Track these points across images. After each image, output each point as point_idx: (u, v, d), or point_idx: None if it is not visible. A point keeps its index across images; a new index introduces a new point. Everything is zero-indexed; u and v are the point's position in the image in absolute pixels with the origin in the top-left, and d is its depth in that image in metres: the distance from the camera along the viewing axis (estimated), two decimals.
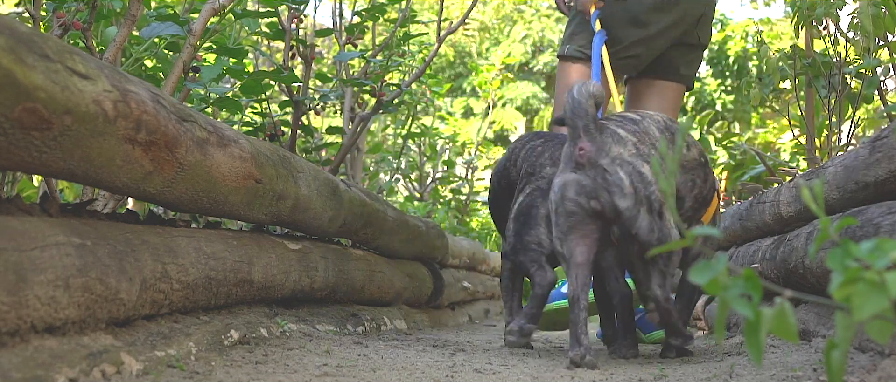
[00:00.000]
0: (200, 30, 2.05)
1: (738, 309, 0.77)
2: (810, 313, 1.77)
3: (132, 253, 1.21)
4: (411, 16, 3.44)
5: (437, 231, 3.35)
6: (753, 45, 12.74)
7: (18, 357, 0.95)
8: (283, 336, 1.72)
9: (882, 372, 1.11)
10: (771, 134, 6.72)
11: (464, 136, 7.97)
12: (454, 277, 3.69)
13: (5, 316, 0.93)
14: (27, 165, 1.05)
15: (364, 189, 2.53)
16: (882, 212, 1.37)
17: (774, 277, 2.00)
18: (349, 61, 3.52)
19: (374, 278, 2.49)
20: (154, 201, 1.40)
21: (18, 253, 0.95)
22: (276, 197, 1.71)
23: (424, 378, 1.38)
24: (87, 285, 1.07)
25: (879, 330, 0.76)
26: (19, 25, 0.97)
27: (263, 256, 1.74)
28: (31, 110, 0.96)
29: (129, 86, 1.14)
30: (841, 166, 1.67)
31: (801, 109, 3.17)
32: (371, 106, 3.28)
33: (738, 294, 0.78)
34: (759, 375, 1.39)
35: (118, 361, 1.11)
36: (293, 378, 1.27)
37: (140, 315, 1.27)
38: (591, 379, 1.47)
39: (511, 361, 1.73)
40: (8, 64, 0.91)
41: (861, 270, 0.74)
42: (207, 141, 1.38)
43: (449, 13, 15.30)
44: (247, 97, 2.71)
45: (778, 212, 2.14)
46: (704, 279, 0.80)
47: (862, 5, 2.56)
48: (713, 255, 0.79)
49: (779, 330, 0.77)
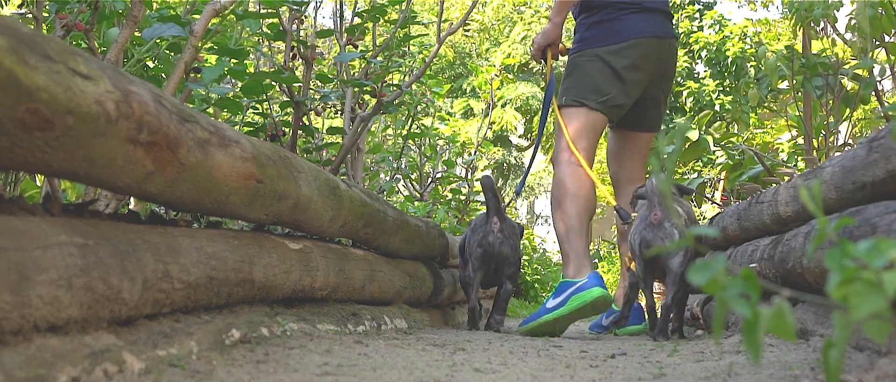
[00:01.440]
0: (202, 31, 2.06)
1: (737, 309, 0.77)
2: (808, 312, 1.78)
3: (134, 252, 1.21)
4: (411, 17, 3.45)
5: (437, 231, 3.36)
6: (751, 46, 12.76)
7: (21, 356, 0.96)
8: (284, 335, 1.72)
9: (879, 371, 1.12)
10: (769, 134, 6.73)
11: (464, 137, 7.97)
12: (454, 277, 3.70)
13: (8, 316, 0.93)
14: (29, 165, 1.06)
15: (364, 189, 2.53)
16: (880, 212, 1.38)
17: (773, 277, 2.01)
18: (350, 62, 3.53)
19: (374, 277, 2.50)
20: (156, 201, 1.41)
21: (21, 253, 0.95)
22: (277, 197, 1.71)
23: (425, 376, 1.38)
24: (89, 284, 1.08)
25: (877, 330, 0.77)
26: (21, 26, 0.97)
27: (264, 256, 1.74)
28: (34, 111, 0.96)
29: (130, 86, 1.14)
30: (839, 166, 1.67)
31: (799, 110, 3.18)
32: (371, 106, 3.29)
33: (736, 293, 0.79)
34: (757, 374, 1.40)
35: (120, 360, 1.12)
36: (294, 377, 1.28)
37: (142, 314, 1.27)
38: (591, 378, 1.48)
39: (511, 360, 1.74)
40: (10, 65, 0.91)
41: (858, 270, 0.75)
42: (209, 141, 1.38)
43: (449, 14, 15.31)
44: (248, 98, 2.72)
45: (776, 212, 2.15)
46: (703, 278, 0.80)
47: (859, 7, 2.57)
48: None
49: (777, 329, 0.77)
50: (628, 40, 3.04)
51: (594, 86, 3.06)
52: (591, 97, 3.06)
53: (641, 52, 3.04)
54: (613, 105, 3.06)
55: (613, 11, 3.08)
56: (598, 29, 3.11)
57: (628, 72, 3.03)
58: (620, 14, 3.07)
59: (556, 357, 1.89)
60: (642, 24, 3.06)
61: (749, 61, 11.96)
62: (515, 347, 2.13)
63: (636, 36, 3.05)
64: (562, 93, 3.16)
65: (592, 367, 1.68)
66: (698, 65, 14.84)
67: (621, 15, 3.07)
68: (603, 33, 3.08)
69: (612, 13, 3.09)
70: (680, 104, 14.56)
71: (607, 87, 3.03)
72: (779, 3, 16.04)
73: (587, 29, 3.18)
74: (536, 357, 1.87)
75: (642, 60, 3.05)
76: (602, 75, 3.04)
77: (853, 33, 2.66)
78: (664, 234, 2.48)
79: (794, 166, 3.99)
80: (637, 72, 3.05)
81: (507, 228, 3.01)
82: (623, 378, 1.49)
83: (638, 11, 3.07)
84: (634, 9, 3.07)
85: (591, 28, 3.16)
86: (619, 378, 1.50)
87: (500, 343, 2.25)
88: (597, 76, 3.04)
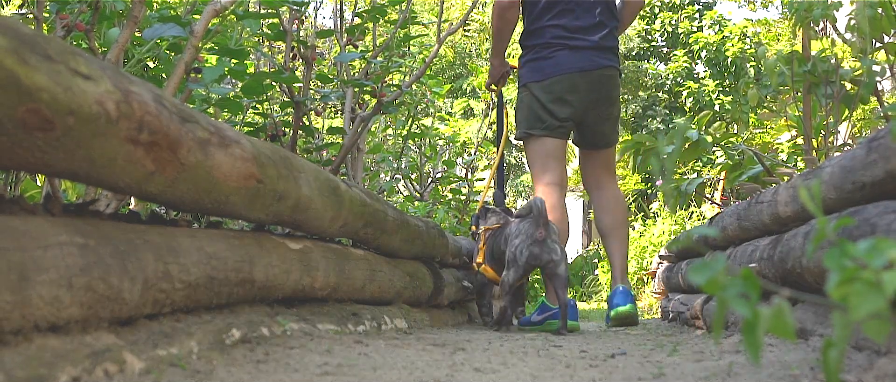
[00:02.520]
0: (202, 31, 2.06)
1: (737, 309, 0.78)
2: (808, 312, 1.78)
3: (134, 252, 1.21)
4: (411, 17, 3.45)
5: (437, 230, 3.36)
6: (751, 46, 12.73)
7: (22, 355, 0.96)
8: (284, 335, 1.73)
9: (879, 371, 1.12)
10: (769, 134, 6.73)
11: (464, 137, 7.97)
12: (454, 276, 3.70)
13: (9, 316, 0.94)
14: (30, 165, 1.06)
15: (365, 189, 2.54)
16: (879, 212, 1.38)
17: (772, 276, 2.01)
18: (350, 62, 3.53)
19: (374, 277, 2.50)
20: (156, 201, 1.41)
21: (21, 253, 0.96)
22: (277, 198, 1.71)
23: (425, 376, 1.38)
24: (89, 284, 1.08)
25: (876, 329, 0.77)
26: (22, 26, 0.97)
27: (265, 256, 1.75)
28: (34, 111, 0.96)
29: (131, 87, 1.14)
30: (838, 166, 1.68)
31: (799, 110, 3.18)
32: (371, 106, 3.29)
33: (736, 293, 0.79)
34: (756, 374, 1.40)
35: (120, 360, 1.12)
36: (294, 377, 1.28)
37: (142, 314, 1.28)
38: (591, 378, 1.48)
39: (511, 360, 1.74)
40: (11, 65, 0.92)
41: (858, 269, 0.75)
42: (209, 141, 1.38)
43: (449, 14, 15.31)
44: (248, 98, 2.72)
45: (776, 212, 2.15)
46: (703, 278, 0.80)
47: (858, 7, 2.57)
48: None
49: (776, 329, 0.78)
50: (552, 76, 3.55)
51: (532, 117, 3.59)
52: (535, 125, 3.60)
53: (565, 86, 3.55)
54: (553, 128, 3.58)
55: (541, 50, 3.60)
56: (529, 66, 3.64)
57: (554, 104, 3.55)
58: (548, 52, 3.57)
59: (555, 357, 1.89)
60: (566, 61, 3.55)
61: (749, 61, 11.94)
62: (515, 347, 2.13)
63: (560, 72, 3.55)
64: (515, 128, 3.75)
65: (592, 367, 1.68)
66: (698, 66, 14.86)
67: (549, 53, 3.57)
68: (531, 70, 3.62)
69: (540, 51, 3.60)
70: (680, 104, 14.59)
71: (542, 116, 3.56)
72: (778, 3, 16.03)
73: (522, 66, 3.73)
74: (536, 356, 1.88)
75: (568, 92, 3.56)
76: (534, 107, 3.58)
77: (853, 33, 2.66)
78: (548, 249, 3.02)
79: (793, 166, 4.00)
80: (563, 104, 3.56)
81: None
82: (623, 377, 1.50)
83: (563, 49, 3.56)
84: (559, 47, 3.57)
85: (525, 66, 3.70)
86: (619, 377, 1.50)
87: (500, 343, 2.25)
88: (530, 108, 3.59)
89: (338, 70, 3.74)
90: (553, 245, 3.03)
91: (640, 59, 15.90)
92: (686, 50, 15.00)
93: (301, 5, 2.75)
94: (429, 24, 10.98)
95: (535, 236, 3.01)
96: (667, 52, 16.04)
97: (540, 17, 3.61)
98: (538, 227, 3.02)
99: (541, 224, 3.02)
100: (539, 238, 3.01)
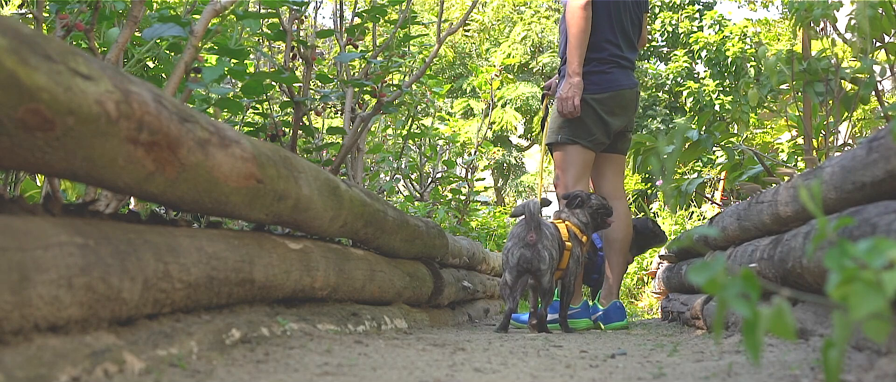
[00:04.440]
0: (202, 31, 2.06)
1: (737, 309, 0.78)
2: (808, 312, 1.78)
3: (134, 252, 1.21)
4: (411, 17, 3.45)
5: (437, 231, 3.36)
6: (751, 46, 12.73)
7: (22, 355, 0.96)
8: (284, 335, 1.73)
9: (879, 371, 1.12)
10: (769, 134, 6.73)
11: (464, 137, 7.97)
12: (454, 276, 3.70)
13: (9, 316, 0.94)
14: (30, 165, 1.06)
15: (364, 189, 2.53)
16: (879, 212, 1.38)
17: (772, 276, 2.01)
18: (350, 62, 3.53)
19: (374, 277, 2.50)
20: (156, 201, 1.41)
21: (22, 253, 0.96)
22: (277, 197, 1.71)
23: (425, 376, 1.38)
24: (89, 284, 1.08)
25: (876, 329, 0.77)
26: (22, 27, 0.97)
27: (265, 256, 1.74)
28: (35, 111, 0.96)
29: (131, 86, 1.14)
30: (838, 166, 1.68)
31: (799, 110, 3.18)
32: (371, 106, 3.29)
33: (736, 293, 0.79)
34: (757, 374, 1.40)
35: (120, 360, 1.12)
36: (294, 377, 1.28)
37: (142, 314, 1.28)
38: (591, 378, 1.48)
39: (510, 360, 1.74)
40: (11, 65, 0.92)
41: (858, 270, 0.75)
42: (209, 141, 1.38)
43: (449, 14, 15.31)
44: (248, 98, 2.72)
45: (776, 212, 2.15)
46: (703, 278, 0.80)
47: (859, 7, 2.57)
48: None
49: (777, 329, 0.78)
50: (610, 91, 3.76)
51: (584, 128, 3.73)
52: (582, 136, 3.73)
53: (618, 102, 3.78)
54: (599, 142, 3.79)
55: (599, 65, 3.77)
56: (589, 78, 3.73)
57: (609, 116, 3.76)
58: (605, 67, 3.76)
59: (556, 357, 1.89)
60: (619, 78, 3.80)
61: (749, 61, 11.95)
62: (515, 347, 2.13)
63: (616, 88, 3.77)
64: (555, 131, 3.79)
65: (592, 367, 1.68)
66: (698, 66, 14.86)
67: (606, 69, 3.77)
68: (590, 83, 3.73)
69: (598, 66, 3.77)
70: (680, 104, 14.59)
71: (593, 129, 3.74)
72: (779, 3, 16.04)
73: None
74: (536, 357, 1.88)
75: (618, 107, 3.79)
76: (589, 118, 3.72)
77: (853, 33, 2.66)
78: (538, 256, 3.03)
79: (793, 166, 4.00)
80: (614, 117, 3.79)
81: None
82: (623, 377, 1.50)
83: (616, 67, 3.80)
84: (613, 64, 3.80)
85: (584, 76, 3.79)
86: (619, 377, 1.50)
87: (500, 343, 2.25)
88: (585, 118, 3.71)
89: (338, 70, 3.74)
90: (543, 252, 3.03)
91: (640, 58, 15.90)
92: (686, 50, 15.01)
93: (301, 5, 2.75)
94: (429, 24, 10.98)
95: (527, 239, 3.02)
96: (667, 51, 16.05)
97: (601, 30, 3.76)
98: (530, 231, 3.01)
99: (532, 227, 3.01)
100: (530, 241, 3.02)
